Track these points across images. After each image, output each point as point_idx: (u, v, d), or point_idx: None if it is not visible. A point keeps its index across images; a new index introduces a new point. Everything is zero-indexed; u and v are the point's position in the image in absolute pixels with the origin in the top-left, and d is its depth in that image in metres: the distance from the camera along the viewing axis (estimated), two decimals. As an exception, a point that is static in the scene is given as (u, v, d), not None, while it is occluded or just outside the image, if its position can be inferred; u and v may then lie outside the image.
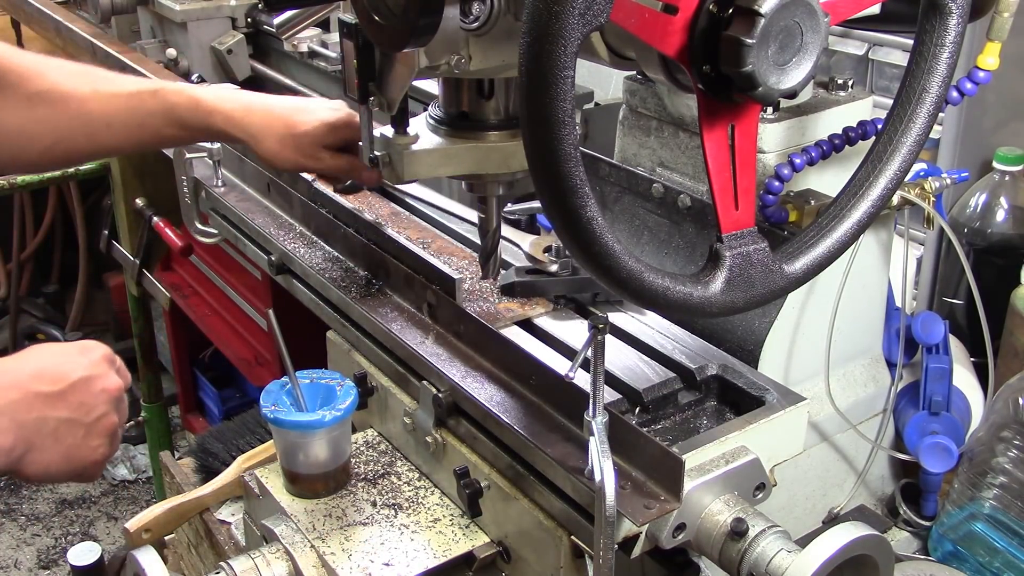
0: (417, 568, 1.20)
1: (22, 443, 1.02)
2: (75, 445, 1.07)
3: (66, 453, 1.06)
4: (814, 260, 1.09)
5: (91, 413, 1.08)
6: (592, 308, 1.45)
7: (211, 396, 3.10)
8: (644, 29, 0.94)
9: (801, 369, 1.45)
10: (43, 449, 1.04)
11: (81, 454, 1.08)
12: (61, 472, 1.07)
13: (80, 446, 1.07)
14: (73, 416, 1.06)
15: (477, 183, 1.30)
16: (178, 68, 2.65)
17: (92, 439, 1.08)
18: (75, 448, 1.07)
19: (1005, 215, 1.76)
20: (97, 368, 1.10)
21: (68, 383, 1.06)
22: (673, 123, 1.50)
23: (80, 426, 1.07)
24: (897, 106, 1.09)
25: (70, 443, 1.06)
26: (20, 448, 1.02)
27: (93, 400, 1.08)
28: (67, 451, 1.06)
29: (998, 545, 1.43)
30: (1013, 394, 1.44)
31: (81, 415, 1.07)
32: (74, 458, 1.07)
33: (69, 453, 1.07)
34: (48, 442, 1.04)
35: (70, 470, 1.08)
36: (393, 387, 1.39)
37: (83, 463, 1.08)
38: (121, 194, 2.90)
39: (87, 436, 1.08)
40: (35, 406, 1.04)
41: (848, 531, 1.03)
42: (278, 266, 1.69)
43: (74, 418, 1.06)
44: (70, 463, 1.07)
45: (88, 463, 1.09)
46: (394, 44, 1.08)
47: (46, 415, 1.04)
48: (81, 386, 1.07)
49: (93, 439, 1.08)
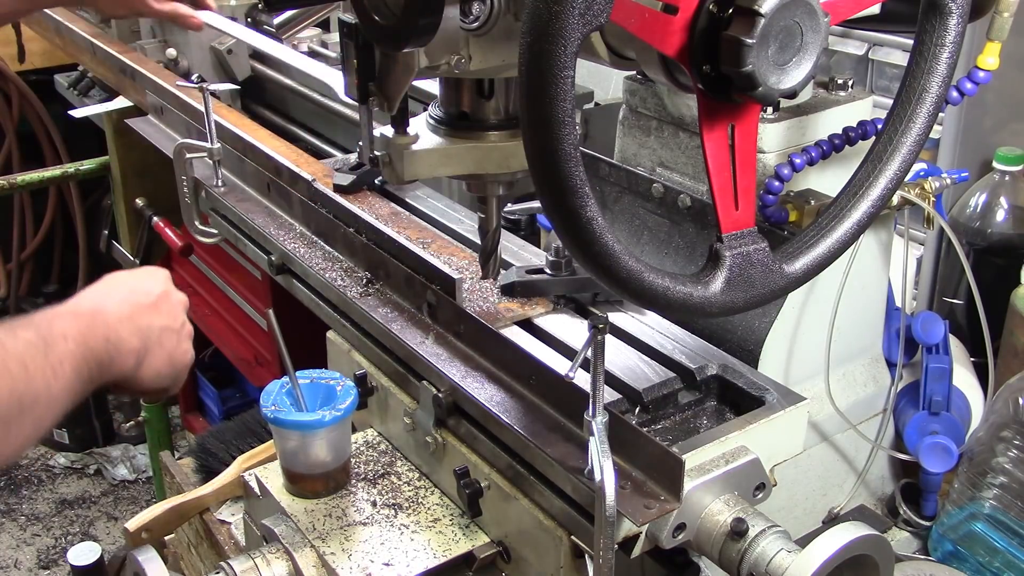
0: (417, 568, 1.20)
1: (143, 347, 1.14)
2: (174, 348, 1.20)
3: (169, 357, 1.19)
4: (814, 260, 1.09)
5: (178, 319, 1.22)
6: (592, 308, 1.45)
7: (211, 396, 3.10)
8: (644, 29, 0.94)
9: (801, 369, 1.45)
10: (155, 354, 1.17)
11: (177, 357, 1.21)
12: (166, 376, 1.19)
13: (176, 349, 1.20)
14: (167, 323, 1.19)
15: (477, 183, 1.30)
16: (178, 68, 2.65)
17: (183, 342, 1.22)
18: (174, 351, 1.20)
19: (1005, 215, 1.76)
20: (168, 284, 1.25)
21: (156, 296, 1.20)
22: (673, 123, 1.50)
23: (173, 332, 1.20)
24: (897, 106, 1.09)
25: (170, 347, 1.19)
26: (143, 352, 1.15)
27: (175, 309, 1.22)
28: (170, 355, 1.19)
29: (998, 545, 1.43)
30: (1013, 394, 1.44)
31: (171, 321, 1.20)
32: (175, 361, 1.20)
33: (171, 357, 1.19)
34: (156, 347, 1.17)
35: (172, 373, 1.20)
36: (393, 387, 1.39)
37: (180, 365, 1.21)
38: (121, 194, 2.90)
39: (179, 340, 1.21)
40: (144, 315, 1.16)
41: (848, 531, 1.03)
42: (278, 266, 1.69)
43: (168, 324, 1.20)
44: (172, 366, 1.20)
45: (182, 366, 1.22)
46: (394, 44, 1.08)
47: (152, 322, 1.17)
48: (165, 298, 1.21)
49: (184, 342, 1.23)
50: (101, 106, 2.80)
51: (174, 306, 1.23)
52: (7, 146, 3.93)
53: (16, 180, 2.96)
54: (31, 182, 3.01)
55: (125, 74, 2.63)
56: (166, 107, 2.34)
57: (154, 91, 2.40)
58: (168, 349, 1.19)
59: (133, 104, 2.67)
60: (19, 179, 2.97)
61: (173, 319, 1.21)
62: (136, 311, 1.16)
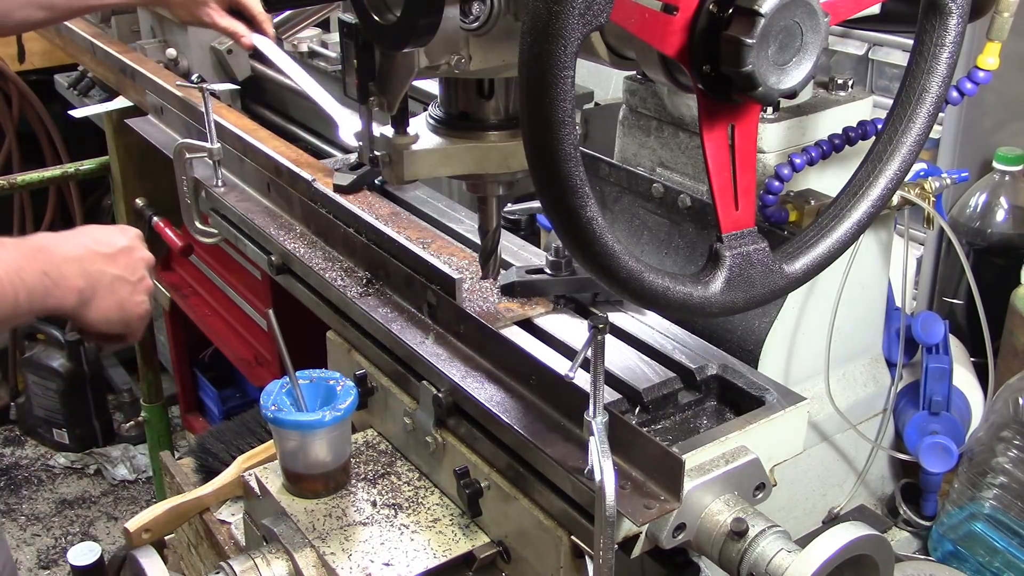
0: (417, 568, 1.20)
1: (89, 288, 1.27)
2: (126, 298, 1.32)
3: (120, 304, 1.32)
4: (814, 260, 1.09)
5: (135, 273, 1.34)
6: (592, 308, 1.45)
7: (211, 396, 3.10)
8: (644, 29, 0.94)
9: (801, 369, 1.45)
10: (103, 297, 1.29)
11: (129, 307, 1.33)
12: (116, 321, 1.32)
13: (128, 299, 1.33)
14: (122, 274, 1.32)
15: (477, 183, 1.30)
16: (178, 68, 2.65)
17: (137, 294, 1.34)
18: (126, 300, 1.33)
19: (1005, 215, 1.76)
20: (135, 241, 1.37)
21: (117, 248, 1.33)
22: (673, 123, 1.50)
23: (128, 283, 1.33)
24: (897, 106, 1.09)
25: (122, 295, 1.32)
26: (88, 292, 1.27)
27: (135, 264, 1.35)
28: (120, 302, 1.32)
29: (998, 545, 1.43)
30: (1013, 394, 1.44)
31: (128, 274, 1.33)
32: (125, 309, 1.32)
33: (122, 304, 1.32)
34: (106, 292, 1.30)
35: (122, 319, 1.33)
36: (393, 387, 1.39)
37: (131, 314, 1.34)
38: (121, 194, 2.89)
39: (133, 292, 1.34)
40: (96, 261, 1.29)
41: (848, 531, 1.03)
42: (278, 266, 1.69)
43: (123, 276, 1.32)
44: (122, 312, 1.32)
45: (134, 315, 1.34)
46: (394, 44, 1.08)
47: (104, 269, 1.30)
48: (126, 252, 1.34)
49: (138, 295, 1.35)
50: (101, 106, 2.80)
51: (134, 260, 1.34)
52: (7, 146, 3.93)
53: (16, 180, 2.96)
54: (31, 182, 3.00)
55: (125, 74, 2.63)
56: (166, 107, 2.34)
57: (154, 91, 2.40)
58: (119, 297, 1.31)
59: (133, 104, 2.67)
60: (19, 179, 2.97)
61: (130, 272, 1.33)
62: (89, 256, 1.28)
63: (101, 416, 3.91)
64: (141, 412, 3.32)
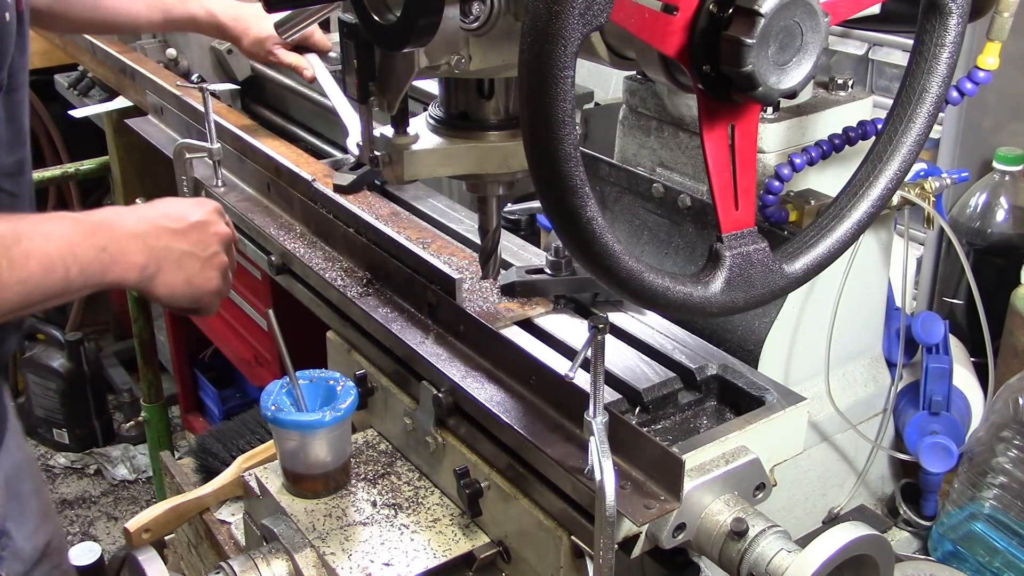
0: (417, 568, 1.20)
1: (153, 264, 1.26)
2: (194, 274, 1.30)
3: (187, 279, 1.30)
4: (814, 260, 1.09)
5: (207, 249, 1.32)
6: (592, 308, 1.45)
7: (211, 396, 3.10)
8: (644, 29, 0.94)
9: (801, 369, 1.45)
10: (168, 272, 1.28)
11: (198, 283, 1.31)
12: (184, 296, 1.31)
13: (198, 275, 1.31)
14: (192, 250, 1.30)
15: (477, 183, 1.30)
16: (178, 68, 2.65)
17: (208, 271, 1.32)
18: (194, 276, 1.30)
19: (1005, 215, 1.76)
20: (211, 216, 1.34)
21: (188, 223, 1.30)
22: (673, 123, 1.50)
23: (198, 259, 1.31)
24: (897, 106, 1.09)
25: (190, 271, 1.30)
26: (151, 268, 1.26)
27: (208, 239, 1.32)
28: (188, 277, 1.30)
29: (998, 545, 1.43)
30: (1013, 394, 1.44)
31: (199, 250, 1.31)
32: (194, 284, 1.31)
33: (189, 279, 1.30)
34: (173, 268, 1.28)
35: (191, 295, 1.31)
36: (393, 387, 1.39)
37: (201, 291, 1.32)
38: (121, 194, 2.90)
39: (204, 268, 1.31)
40: (163, 237, 1.27)
41: (848, 531, 1.03)
42: (278, 266, 1.69)
43: (193, 251, 1.30)
44: (190, 288, 1.30)
45: (204, 291, 1.32)
46: (394, 44, 1.08)
47: (171, 245, 1.28)
48: (199, 227, 1.31)
49: (208, 271, 1.32)
50: (101, 106, 2.80)
51: (207, 236, 1.32)
52: (7, 146, 3.92)
53: (16, 180, 2.95)
54: (31, 182, 3.00)
55: (125, 74, 2.63)
56: (166, 107, 2.34)
57: (154, 91, 2.40)
58: (188, 272, 1.29)
59: (133, 104, 2.67)
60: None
61: (201, 247, 1.31)
62: (155, 231, 1.27)
63: (101, 416, 3.91)
64: (141, 412, 3.32)
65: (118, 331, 4.25)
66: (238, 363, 2.60)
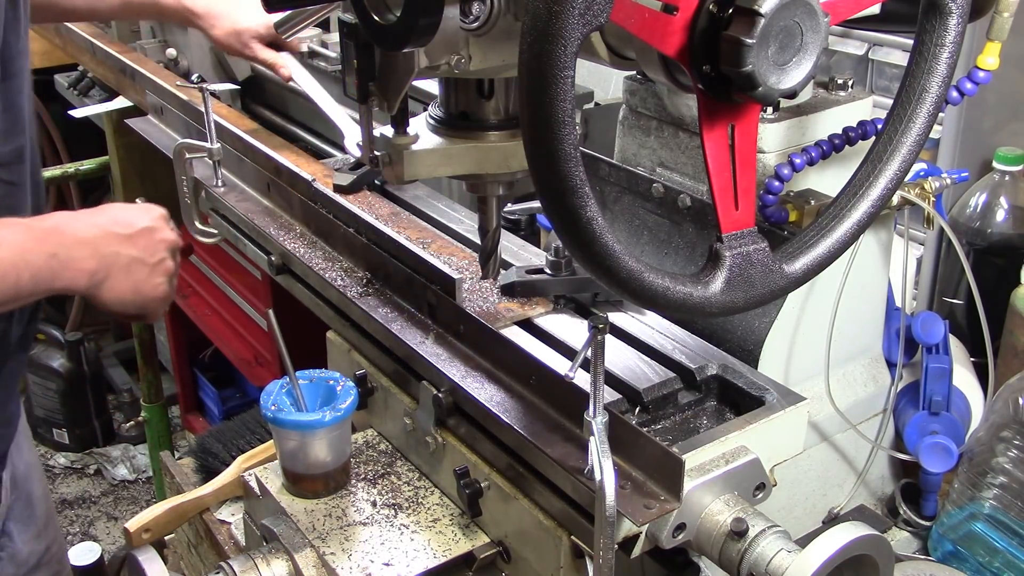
0: (417, 568, 1.20)
1: (102, 270, 1.26)
2: (142, 280, 1.31)
3: (135, 286, 1.30)
4: (814, 260, 1.09)
5: (154, 255, 1.32)
6: (592, 308, 1.45)
7: (211, 396, 3.10)
8: (644, 29, 0.94)
9: (801, 369, 1.45)
10: (117, 279, 1.27)
11: (146, 289, 1.31)
12: (131, 302, 1.30)
13: (145, 281, 1.31)
14: (140, 255, 1.30)
15: (477, 183, 1.30)
16: (178, 68, 2.65)
17: (155, 277, 1.32)
18: (142, 283, 1.31)
19: (1005, 215, 1.76)
20: (158, 222, 1.35)
21: (136, 229, 1.31)
22: (673, 123, 1.50)
23: (145, 265, 1.31)
24: (897, 106, 1.09)
25: (138, 278, 1.30)
26: (100, 274, 1.26)
27: (155, 246, 1.33)
28: (135, 284, 1.30)
29: (998, 545, 1.43)
30: (1013, 394, 1.44)
31: (146, 256, 1.31)
32: (141, 291, 1.31)
33: (137, 286, 1.30)
34: (121, 274, 1.28)
35: (137, 301, 1.31)
36: (393, 387, 1.39)
37: (148, 296, 1.32)
38: (121, 194, 2.90)
39: (151, 274, 1.32)
40: (112, 243, 1.27)
41: (848, 531, 1.03)
42: (278, 266, 1.69)
43: (141, 257, 1.30)
44: (138, 294, 1.30)
45: (151, 298, 1.32)
46: (394, 44, 1.08)
47: (120, 251, 1.28)
48: (146, 233, 1.32)
49: (156, 277, 1.32)
50: (101, 106, 2.80)
51: (155, 243, 1.33)
52: (7, 146, 3.92)
53: (16, 180, 2.95)
54: (31, 182, 3.00)
55: (125, 74, 2.63)
56: (166, 107, 2.34)
57: (154, 91, 2.40)
58: (136, 279, 1.30)
59: (133, 104, 2.67)
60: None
61: (149, 253, 1.31)
62: (104, 237, 1.27)
63: (101, 416, 3.91)
64: (141, 412, 3.32)
65: (118, 331, 4.25)
66: (238, 363, 2.60)
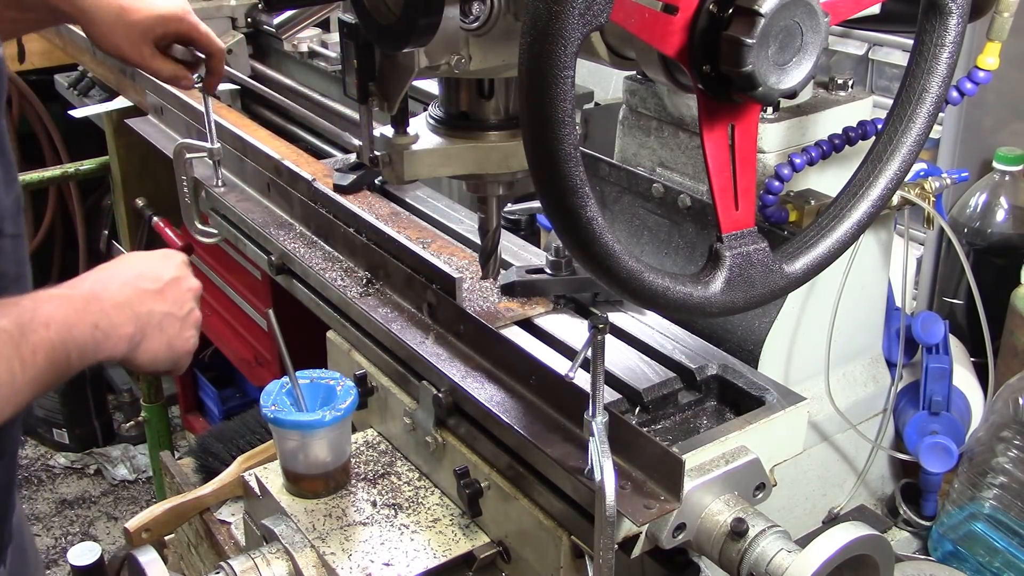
0: (417, 568, 1.20)
1: (139, 332, 1.17)
2: (175, 335, 1.22)
3: (168, 343, 1.21)
4: (814, 260, 1.09)
5: (184, 307, 1.24)
6: (592, 308, 1.45)
7: (211, 396, 3.10)
8: (644, 29, 0.94)
9: (801, 369, 1.45)
10: (152, 338, 1.19)
11: (178, 344, 1.23)
12: (165, 360, 1.22)
13: (178, 336, 1.22)
14: (171, 310, 1.22)
15: (477, 183, 1.30)
16: (178, 68, 2.65)
17: (186, 330, 1.24)
18: (175, 338, 1.22)
19: (1005, 215, 1.76)
20: (181, 270, 1.27)
21: (164, 282, 1.22)
22: (673, 123, 1.50)
23: (176, 319, 1.22)
24: (897, 106, 1.09)
25: (171, 333, 1.21)
26: (138, 336, 1.17)
27: (183, 296, 1.24)
28: (169, 341, 1.21)
29: (998, 545, 1.43)
30: (1013, 394, 1.44)
31: (176, 309, 1.22)
32: (174, 347, 1.22)
33: (171, 343, 1.21)
34: (155, 333, 1.19)
35: (171, 358, 1.22)
36: (393, 387, 1.39)
37: (180, 351, 1.23)
38: (121, 194, 2.90)
39: (182, 327, 1.23)
40: (145, 300, 1.19)
41: (848, 531, 1.03)
42: (278, 266, 1.69)
43: (172, 312, 1.22)
44: (171, 351, 1.22)
45: (182, 352, 1.24)
46: (394, 44, 1.08)
47: (153, 308, 1.19)
48: (174, 284, 1.24)
49: (187, 330, 1.24)
50: (101, 106, 2.80)
51: (182, 293, 1.24)
52: (7, 146, 3.92)
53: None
54: (31, 182, 3.01)
55: (125, 74, 2.63)
56: (166, 107, 2.34)
57: (154, 91, 2.40)
58: (169, 335, 1.21)
59: (133, 104, 2.67)
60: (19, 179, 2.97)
61: (178, 307, 1.23)
62: (137, 296, 1.18)
63: (101, 416, 3.91)
64: (141, 412, 3.32)
65: (118, 331, 4.24)
66: (238, 363, 2.60)
